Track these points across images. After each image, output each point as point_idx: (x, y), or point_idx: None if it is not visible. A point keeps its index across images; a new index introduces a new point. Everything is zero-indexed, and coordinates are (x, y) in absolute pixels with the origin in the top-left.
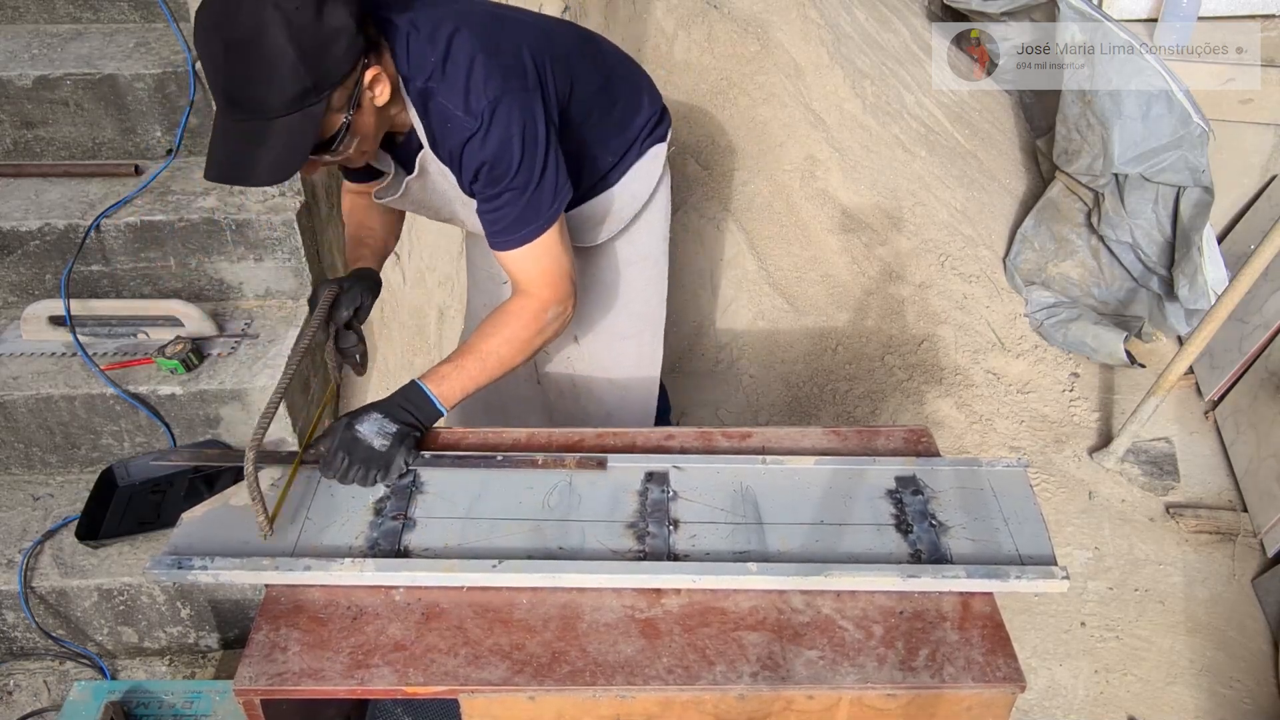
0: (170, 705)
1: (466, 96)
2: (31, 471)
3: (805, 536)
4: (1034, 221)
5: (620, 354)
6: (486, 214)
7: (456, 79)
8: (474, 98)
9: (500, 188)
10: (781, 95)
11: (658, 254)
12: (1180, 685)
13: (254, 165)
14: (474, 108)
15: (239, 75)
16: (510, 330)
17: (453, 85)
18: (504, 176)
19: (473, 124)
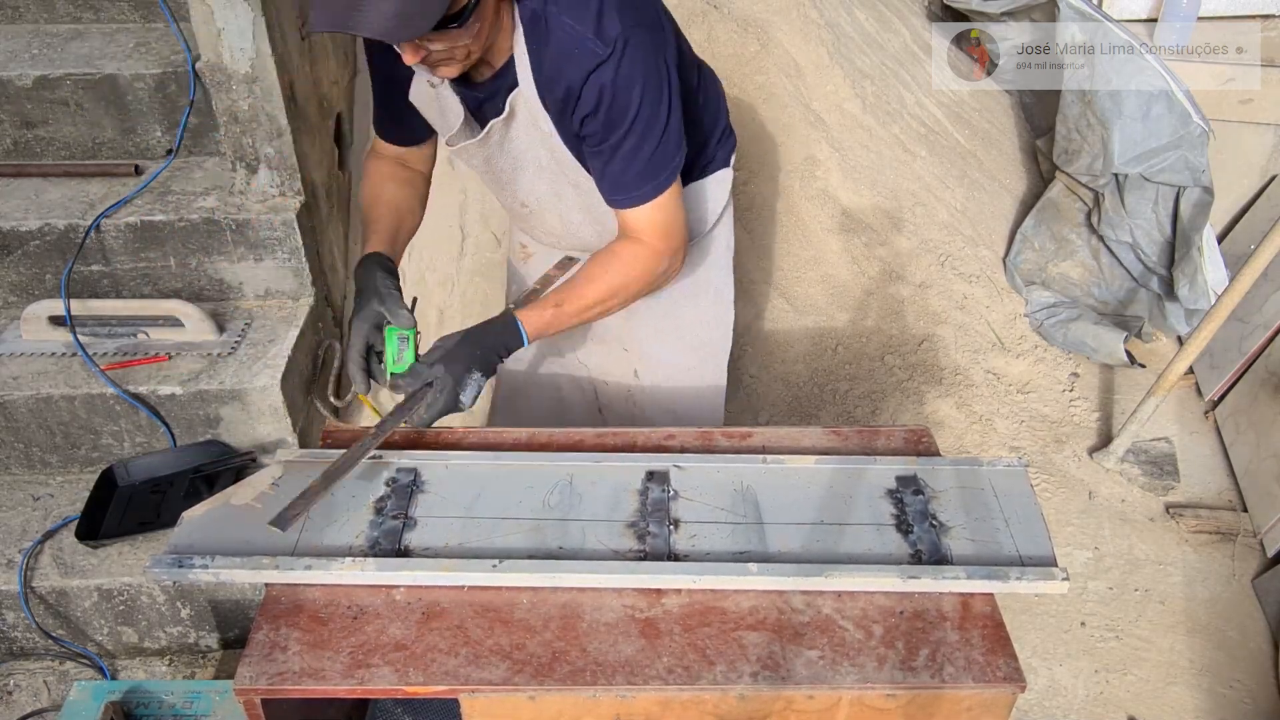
0: (170, 705)
1: (599, 20)
2: (31, 471)
3: (805, 536)
4: (1034, 221)
5: (680, 388)
6: (605, 164)
7: (589, 6)
8: (608, 23)
9: (622, 133)
10: (781, 95)
11: (720, 285)
12: (1180, 685)
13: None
14: (607, 33)
15: None
16: (619, 280)
17: (580, 10)
18: (624, 119)
19: (603, 51)
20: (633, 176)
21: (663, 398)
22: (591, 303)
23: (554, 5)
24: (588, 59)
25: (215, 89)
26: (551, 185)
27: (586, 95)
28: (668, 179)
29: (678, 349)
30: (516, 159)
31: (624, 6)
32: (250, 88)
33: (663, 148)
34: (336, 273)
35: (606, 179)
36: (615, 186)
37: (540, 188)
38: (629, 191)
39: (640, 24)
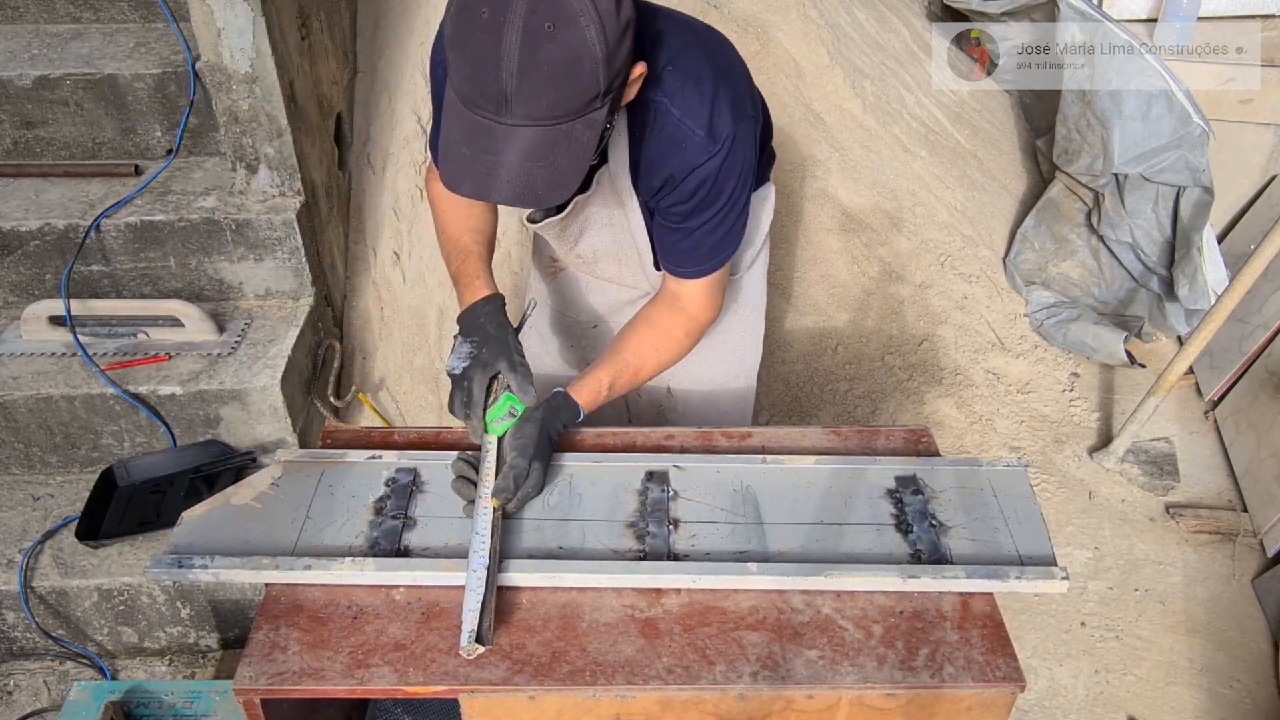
0: (170, 705)
1: (711, 120)
2: (31, 471)
3: (805, 536)
4: (1034, 221)
5: (714, 401)
6: (677, 240)
7: (700, 99)
8: (719, 122)
9: (704, 218)
10: (781, 95)
11: (756, 298)
12: (1180, 685)
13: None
14: (719, 132)
15: (531, 71)
16: (668, 354)
17: (694, 105)
18: (713, 204)
19: (713, 148)
20: (701, 255)
21: (694, 412)
22: (640, 379)
23: (664, 97)
24: (696, 154)
25: (215, 89)
26: (614, 239)
27: (686, 186)
28: (728, 256)
29: (714, 363)
30: (586, 221)
31: (735, 101)
32: (250, 88)
33: (733, 230)
34: (336, 273)
35: (672, 252)
36: (679, 260)
37: (602, 242)
38: (692, 266)
39: (745, 117)
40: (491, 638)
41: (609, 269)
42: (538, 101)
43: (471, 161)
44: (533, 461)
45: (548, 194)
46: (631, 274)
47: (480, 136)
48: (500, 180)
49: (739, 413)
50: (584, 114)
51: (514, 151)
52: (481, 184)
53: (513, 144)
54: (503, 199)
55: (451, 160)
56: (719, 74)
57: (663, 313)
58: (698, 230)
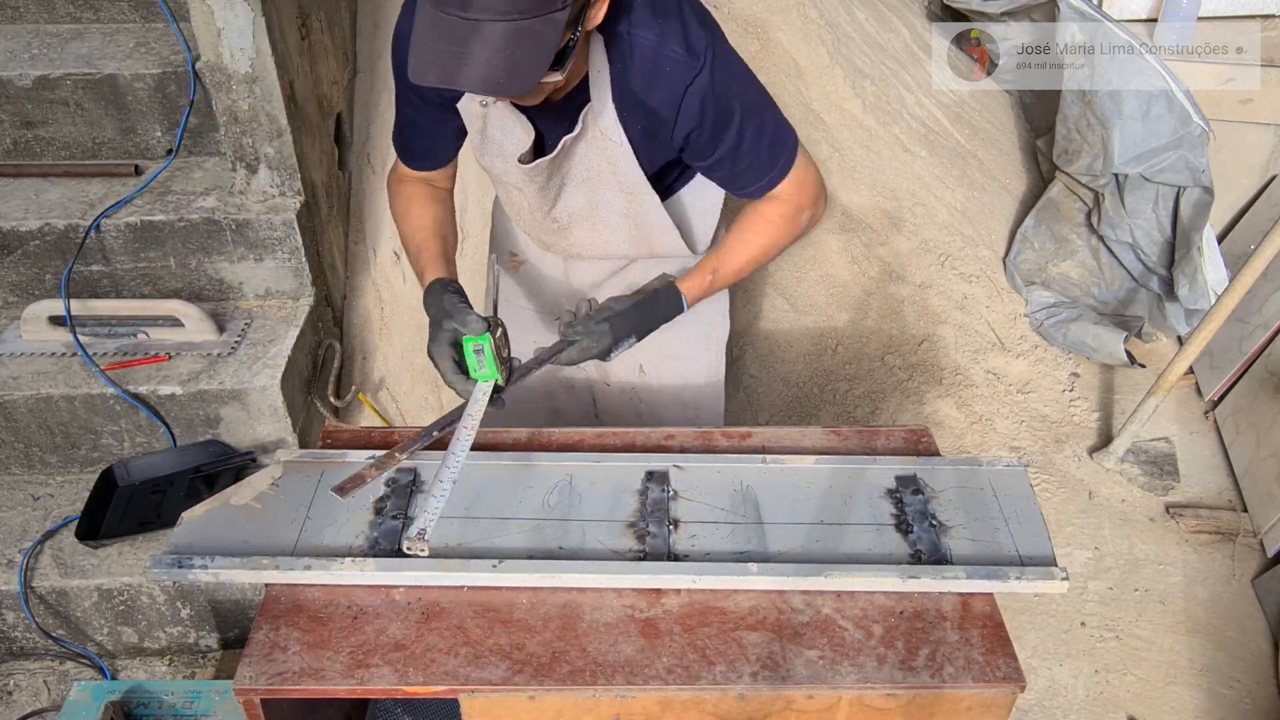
0: (170, 705)
1: (686, 38)
2: (31, 471)
3: (805, 536)
4: (1034, 221)
5: (688, 376)
6: (730, 169)
7: (670, 23)
8: (694, 38)
9: (734, 134)
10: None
11: None
12: (1180, 685)
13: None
14: (696, 47)
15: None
16: (769, 241)
17: (668, 30)
18: (730, 121)
19: (696, 64)
20: (761, 167)
21: (669, 390)
22: (744, 266)
23: (635, 26)
24: (682, 74)
25: (215, 89)
26: (589, 198)
27: (688, 108)
28: (792, 148)
29: (683, 338)
30: (566, 173)
31: (701, 20)
32: (250, 88)
33: (774, 126)
34: (336, 273)
35: (739, 181)
36: (749, 182)
37: (578, 203)
38: (761, 180)
39: (716, 32)
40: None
41: (580, 235)
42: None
43: (437, 53)
44: (609, 322)
45: (508, 83)
46: (601, 239)
47: (446, 29)
48: (465, 70)
49: (713, 389)
50: (543, 13)
51: (477, 44)
52: (447, 71)
53: (476, 37)
54: (467, 85)
55: (419, 53)
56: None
57: (759, 205)
58: (741, 148)
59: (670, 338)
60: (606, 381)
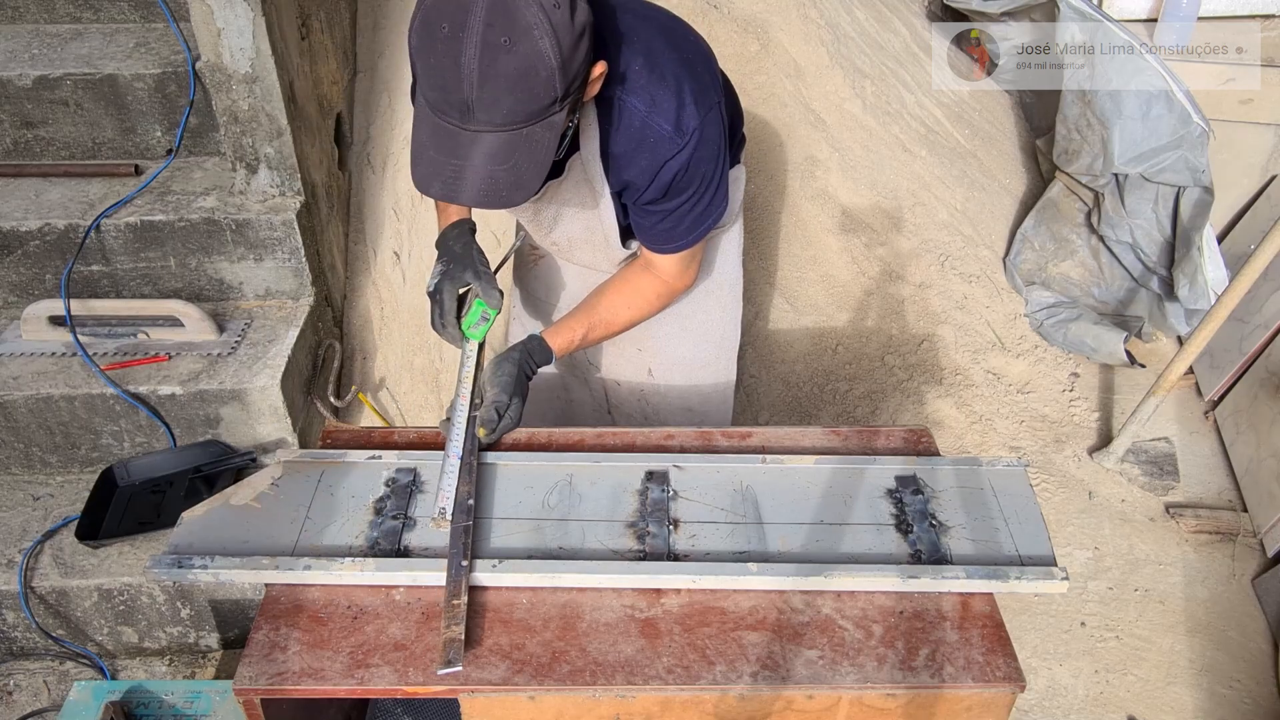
0: (170, 705)
1: (678, 115)
2: (31, 471)
3: (805, 536)
4: (1034, 221)
5: (696, 383)
6: (656, 222)
7: (665, 96)
8: (685, 116)
9: (678, 203)
10: (781, 95)
11: (733, 279)
12: (1180, 685)
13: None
14: (685, 126)
15: (490, 81)
16: (639, 311)
17: (661, 102)
18: (686, 189)
19: (680, 141)
20: (677, 234)
21: (677, 394)
22: (611, 333)
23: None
24: (665, 149)
25: (215, 89)
26: (586, 225)
27: (660, 180)
28: (706, 230)
29: (695, 345)
30: (561, 208)
31: (698, 93)
32: (250, 88)
33: (711, 208)
34: (336, 273)
35: (650, 233)
36: (656, 239)
37: (575, 229)
38: (669, 244)
39: (710, 106)
40: None
41: (583, 255)
42: (497, 109)
43: (439, 165)
44: (512, 397)
45: (510, 194)
46: (605, 259)
47: (446, 141)
48: (466, 183)
49: (720, 396)
50: (543, 118)
51: (478, 156)
52: (449, 187)
53: (476, 149)
54: (469, 201)
55: (421, 164)
56: (683, 66)
57: (639, 274)
58: (674, 213)
59: (679, 343)
60: (617, 381)
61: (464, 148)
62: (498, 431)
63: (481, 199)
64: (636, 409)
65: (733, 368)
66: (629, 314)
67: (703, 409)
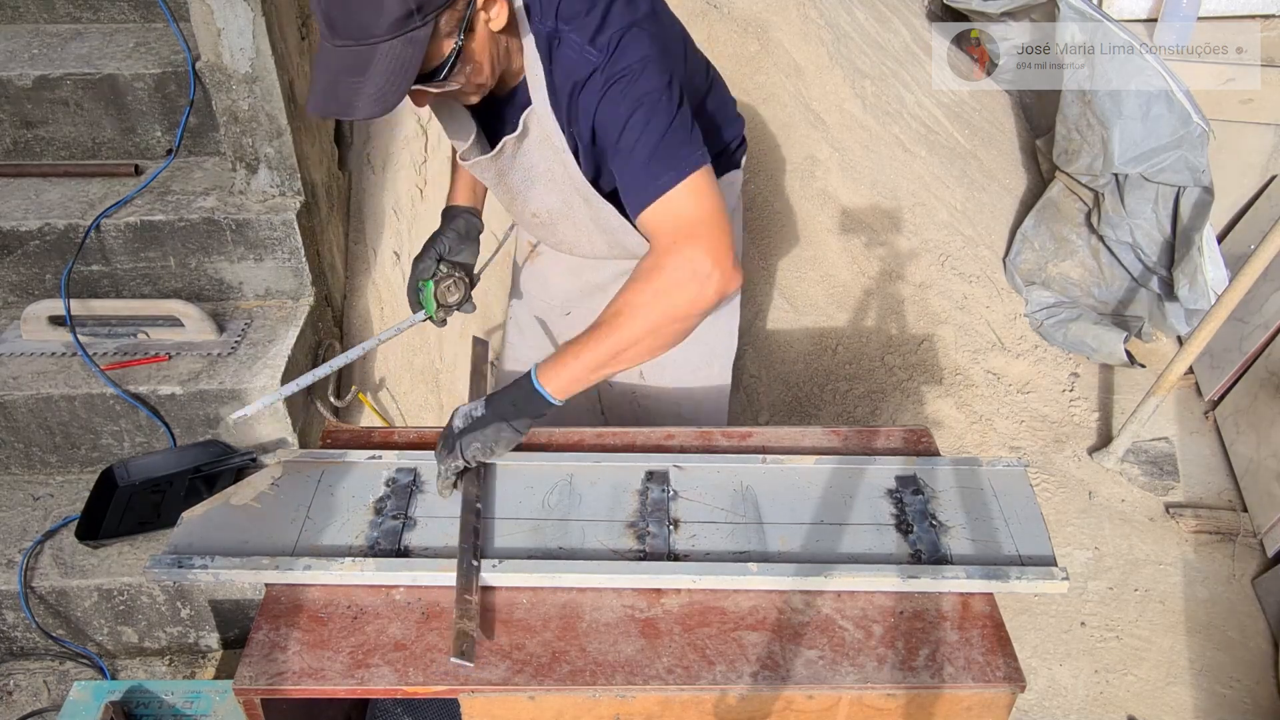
0: (170, 705)
1: (596, 33)
2: (31, 471)
3: (805, 536)
4: (1034, 221)
5: (687, 388)
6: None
7: (591, 16)
8: (603, 32)
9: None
10: (781, 95)
11: None
12: (1180, 685)
13: (355, 96)
14: (600, 41)
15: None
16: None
17: (585, 22)
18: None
19: (597, 57)
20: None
21: (668, 398)
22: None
23: (565, 24)
24: (585, 67)
25: (215, 89)
26: (562, 197)
27: (586, 102)
28: (689, 166)
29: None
30: (528, 172)
31: (623, 11)
32: (250, 88)
33: (675, 131)
34: (336, 273)
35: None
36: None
37: (551, 200)
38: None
39: (635, 24)
40: None
41: (566, 233)
42: (353, 23)
43: (320, 83)
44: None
45: (370, 105)
46: (588, 238)
47: (324, 58)
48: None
49: (714, 403)
50: (402, 32)
51: (342, 70)
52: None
53: (341, 62)
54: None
55: (313, 85)
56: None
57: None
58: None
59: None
60: (609, 383)
61: (334, 61)
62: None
63: (338, 108)
64: (629, 412)
65: (727, 374)
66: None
67: (694, 415)
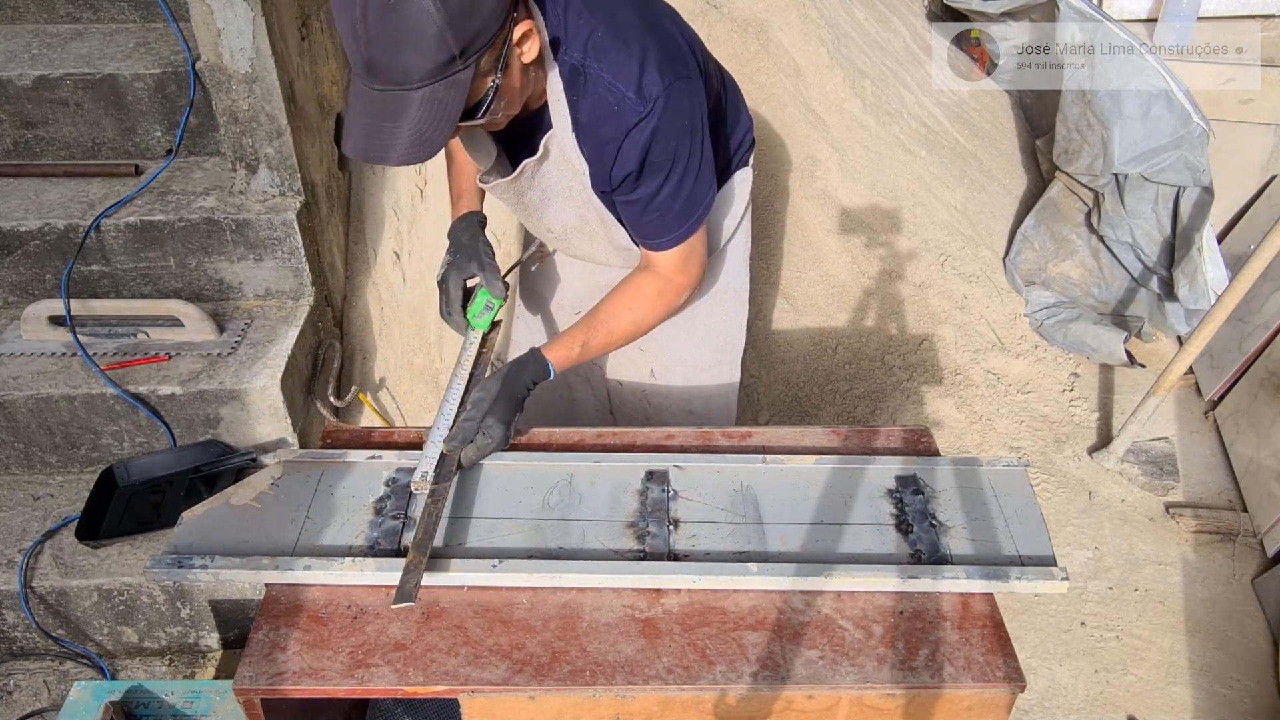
0: (170, 705)
1: (641, 78)
2: (31, 471)
3: (805, 536)
4: (1034, 221)
5: (698, 386)
6: (640, 214)
7: (628, 60)
8: (648, 82)
9: (657, 184)
10: (781, 95)
11: (739, 284)
12: (1180, 685)
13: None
14: (648, 92)
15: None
16: (641, 314)
17: (623, 66)
18: (661, 171)
19: (643, 109)
20: (668, 223)
21: (678, 396)
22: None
23: (594, 60)
24: (628, 116)
25: (215, 89)
26: (578, 213)
27: (627, 152)
28: (698, 220)
29: (698, 347)
30: (546, 191)
31: (664, 61)
32: (250, 88)
33: (695, 192)
34: (336, 273)
35: (640, 227)
36: (648, 233)
37: (567, 216)
38: (661, 237)
39: (679, 75)
40: None
41: (581, 246)
42: (395, 68)
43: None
44: (486, 416)
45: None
46: (603, 252)
47: (362, 103)
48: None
49: (723, 399)
50: (443, 76)
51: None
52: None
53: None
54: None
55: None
56: (650, 34)
57: (636, 275)
58: (657, 199)
59: (682, 345)
60: (619, 380)
61: (374, 106)
62: (474, 451)
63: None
64: (638, 410)
65: (736, 371)
66: (630, 316)
67: (705, 411)
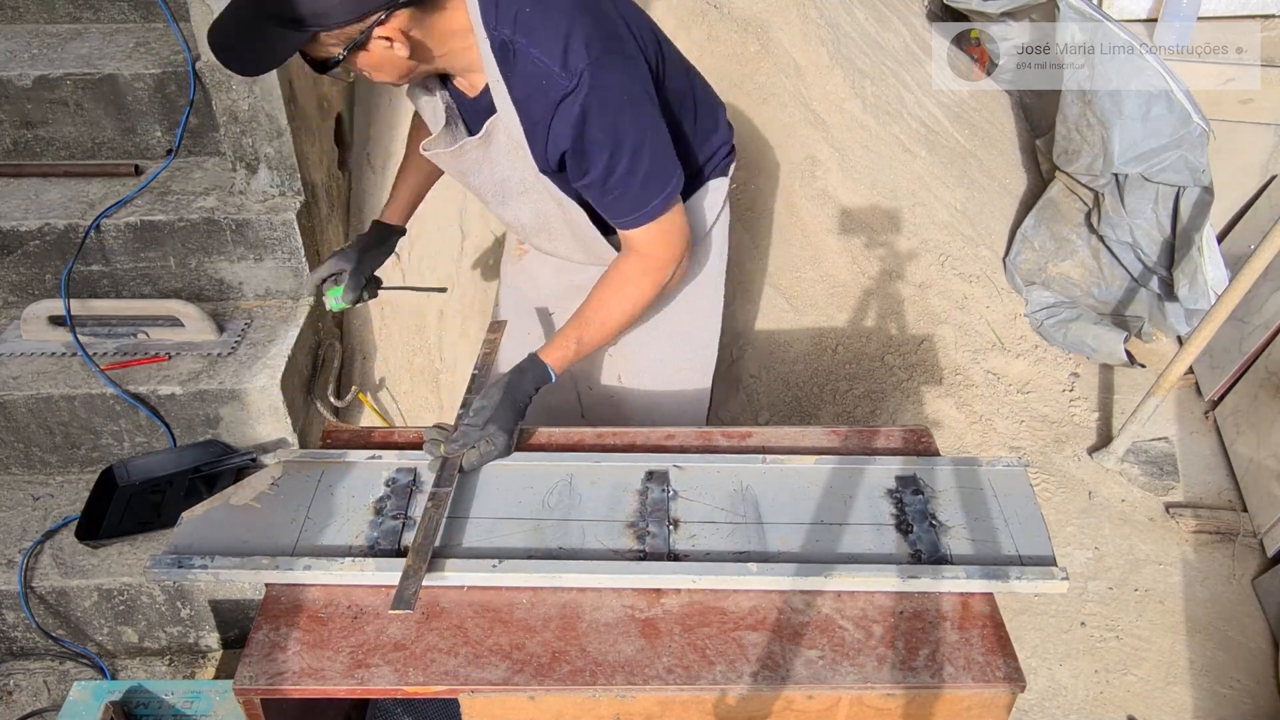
0: (170, 705)
1: (566, 52)
2: (31, 471)
3: (805, 536)
4: (1034, 221)
5: (665, 390)
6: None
7: (553, 34)
8: (573, 56)
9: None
10: (781, 95)
11: (713, 291)
12: (1180, 685)
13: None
14: (572, 66)
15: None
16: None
17: (548, 41)
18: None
19: (568, 82)
20: (632, 201)
21: (647, 401)
22: (608, 331)
23: (522, 35)
24: (554, 91)
25: (215, 89)
26: (535, 208)
27: (557, 128)
28: (670, 194)
29: (666, 352)
30: (500, 183)
31: (593, 35)
32: (250, 88)
33: (654, 167)
34: None
35: (608, 209)
36: (616, 214)
37: (525, 214)
38: (630, 215)
39: (608, 50)
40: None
41: (545, 241)
42: None
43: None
44: (488, 424)
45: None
46: (567, 247)
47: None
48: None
49: (694, 406)
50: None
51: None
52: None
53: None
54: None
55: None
56: (579, 9)
57: (619, 260)
58: (611, 178)
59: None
60: (589, 385)
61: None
62: (481, 459)
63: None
64: (608, 412)
65: (707, 381)
66: (618, 303)
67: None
